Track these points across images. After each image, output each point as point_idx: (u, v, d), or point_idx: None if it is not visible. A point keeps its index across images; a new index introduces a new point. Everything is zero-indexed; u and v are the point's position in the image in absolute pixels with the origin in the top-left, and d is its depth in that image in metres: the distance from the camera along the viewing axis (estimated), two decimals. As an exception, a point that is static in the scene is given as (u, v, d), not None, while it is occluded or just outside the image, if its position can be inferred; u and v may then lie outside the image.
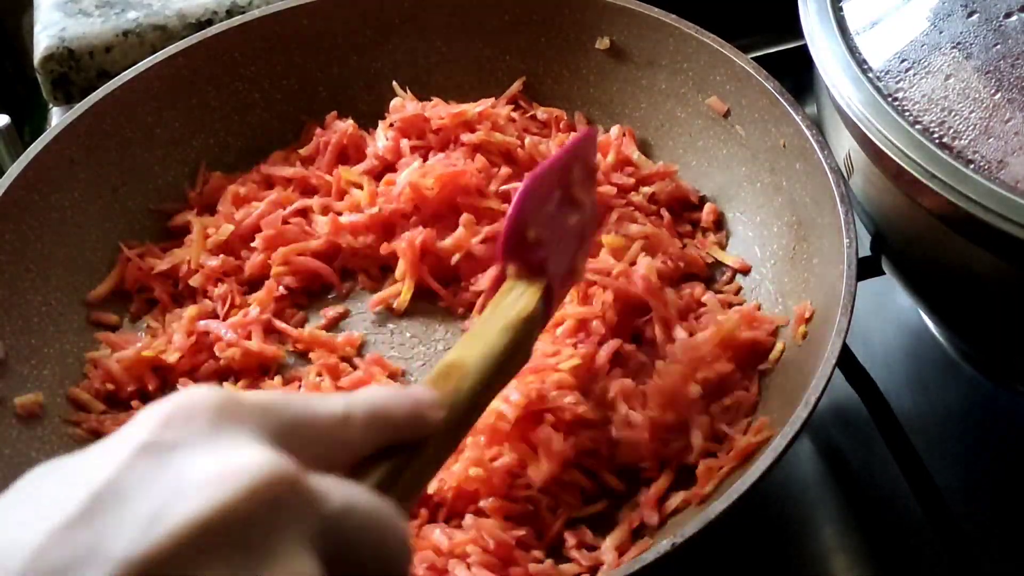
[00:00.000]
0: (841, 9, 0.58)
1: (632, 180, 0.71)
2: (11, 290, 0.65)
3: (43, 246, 0.68)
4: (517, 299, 0.51)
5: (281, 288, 0.68)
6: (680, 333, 0.62)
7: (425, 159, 0.71)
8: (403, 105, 0.74)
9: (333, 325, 0.68)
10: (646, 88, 0.75)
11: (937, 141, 0.52)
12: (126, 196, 0.72)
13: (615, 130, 0.74)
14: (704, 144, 0.72)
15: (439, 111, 0.73)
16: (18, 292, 0.66)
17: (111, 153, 0.72)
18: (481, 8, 0.77)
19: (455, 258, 0.67)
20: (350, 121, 0.74)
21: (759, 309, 0.65)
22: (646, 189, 0.71)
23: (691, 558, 0.51)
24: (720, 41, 0.70)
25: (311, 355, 0.66)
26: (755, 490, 0.51)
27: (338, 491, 0.33)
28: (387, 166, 0.72)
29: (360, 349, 0.67)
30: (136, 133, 0.73)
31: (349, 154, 0.74)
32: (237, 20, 0.75)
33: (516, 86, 0.76)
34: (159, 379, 0.65)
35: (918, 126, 0.52)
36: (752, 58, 0.70)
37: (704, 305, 0.65)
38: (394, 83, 0.75)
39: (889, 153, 0.52)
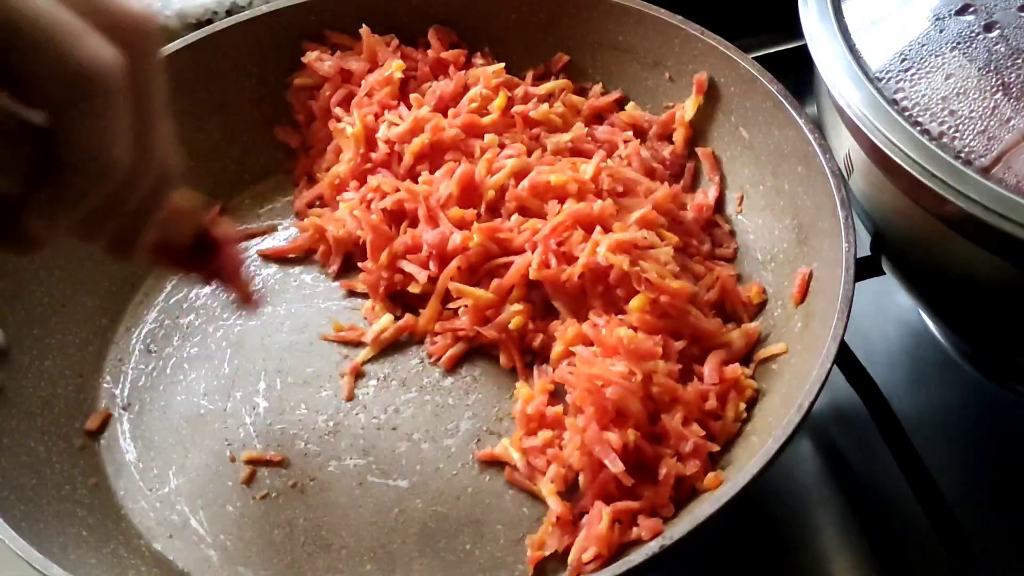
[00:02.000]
0: (841, 9, 0.58)
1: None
2: (14, 280, 0.66)
3: (47, 237, 0.68)
4: None
5: None
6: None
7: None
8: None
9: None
10: (651, 89, 0.75)
11: (937, 141, 0.52)
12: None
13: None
14: (709, 147, 0.73)
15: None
16: (21, 282, 0.66)
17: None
18: (488, 8, 0.77)
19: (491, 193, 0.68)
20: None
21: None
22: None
23: (691, 557, 0.51)
24: (725, 43, 0.70)
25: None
26: (747, 493, 0.51)
27: None
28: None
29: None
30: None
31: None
32: (246, 15, 0.75)
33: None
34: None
35: (918, 126, 0.52)
36: (752, 58, 0.70)
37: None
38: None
39: (889, 153, 0.52)
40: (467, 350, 0.66)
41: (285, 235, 0.74)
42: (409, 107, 0.73)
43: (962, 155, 0.51)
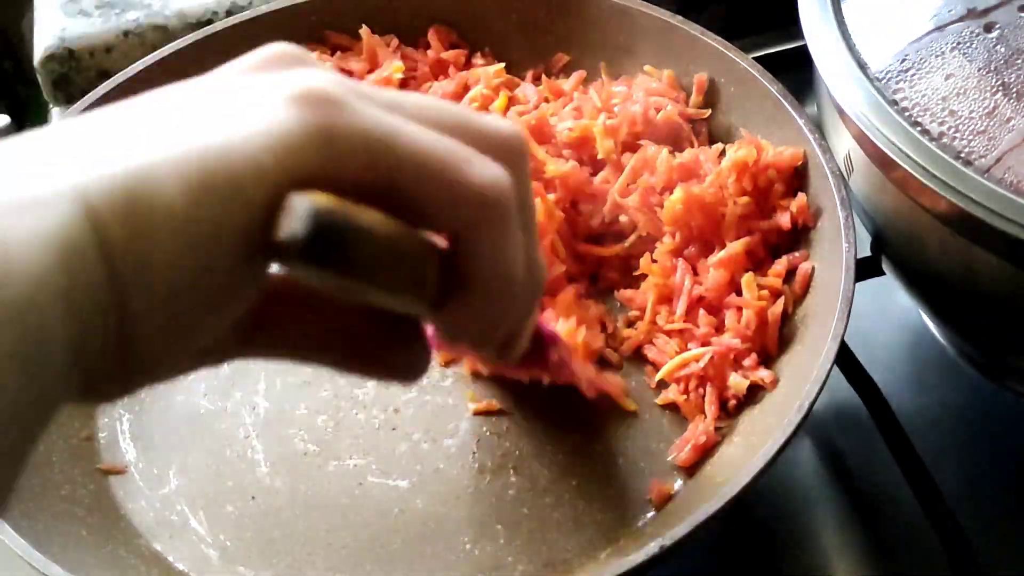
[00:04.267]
0: (841, 9, 0.59)
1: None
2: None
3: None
4: None
5: None
6: None
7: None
8: None
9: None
10: (650, 89, 0.75)
11: (937, 141, 0.52)
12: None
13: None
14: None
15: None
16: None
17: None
18: (488, 8, 0.77)
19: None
20: None
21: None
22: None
23: (690, 557, 0.51)
24: (725, 43, 0.70)
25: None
26: (747, 493, 0.51)
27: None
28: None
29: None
30: (141, 129, 0.73)
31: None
32: (247, 14, 0.75)
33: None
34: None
35: (918, 126, 0.53)
36: (752, 58, 0.70)
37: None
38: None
39: (889, 153, 0.52)
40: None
41: (285, 235, 0.74)
42: None
43: (962, 155, 0.51)
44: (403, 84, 0.75)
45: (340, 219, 0.31)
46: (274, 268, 0.35)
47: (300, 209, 0.30)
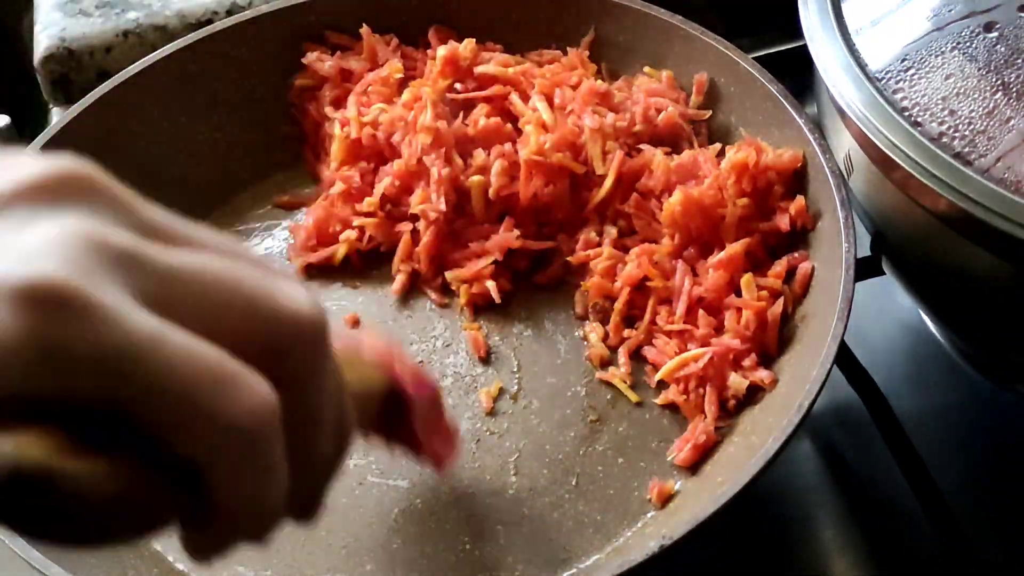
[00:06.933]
0: (841, 9, 0.58)
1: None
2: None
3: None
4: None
5: None
6: None
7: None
8: None
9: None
10: (650, 89, 0.75)
11: (937, 141, 0.52)
12: (131, 189, 0.72)
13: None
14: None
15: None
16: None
17: (117, 147, 0.72)
18: (488, 8, 0.77)
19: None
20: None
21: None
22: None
23: (691, 557, 0.51)
24: (725, 43, 0.71)
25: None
26: (747, 493, 0.51)
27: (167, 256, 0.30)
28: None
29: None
30: (142, 127, 0.73)
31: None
32: (247, 15, 0.75)
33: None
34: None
35: (918, 126, 0.53)
36: (752, 58, 0.70)
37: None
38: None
39: (889, 153, 0.52)
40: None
41: (283, 235, 0.74)
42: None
43: (962, 155, 0.51)
44: (403, 84, 0.75)
45: (44, 479, 0.26)
46: None
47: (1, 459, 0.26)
